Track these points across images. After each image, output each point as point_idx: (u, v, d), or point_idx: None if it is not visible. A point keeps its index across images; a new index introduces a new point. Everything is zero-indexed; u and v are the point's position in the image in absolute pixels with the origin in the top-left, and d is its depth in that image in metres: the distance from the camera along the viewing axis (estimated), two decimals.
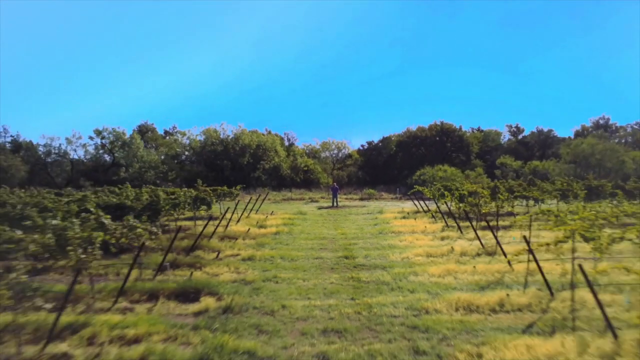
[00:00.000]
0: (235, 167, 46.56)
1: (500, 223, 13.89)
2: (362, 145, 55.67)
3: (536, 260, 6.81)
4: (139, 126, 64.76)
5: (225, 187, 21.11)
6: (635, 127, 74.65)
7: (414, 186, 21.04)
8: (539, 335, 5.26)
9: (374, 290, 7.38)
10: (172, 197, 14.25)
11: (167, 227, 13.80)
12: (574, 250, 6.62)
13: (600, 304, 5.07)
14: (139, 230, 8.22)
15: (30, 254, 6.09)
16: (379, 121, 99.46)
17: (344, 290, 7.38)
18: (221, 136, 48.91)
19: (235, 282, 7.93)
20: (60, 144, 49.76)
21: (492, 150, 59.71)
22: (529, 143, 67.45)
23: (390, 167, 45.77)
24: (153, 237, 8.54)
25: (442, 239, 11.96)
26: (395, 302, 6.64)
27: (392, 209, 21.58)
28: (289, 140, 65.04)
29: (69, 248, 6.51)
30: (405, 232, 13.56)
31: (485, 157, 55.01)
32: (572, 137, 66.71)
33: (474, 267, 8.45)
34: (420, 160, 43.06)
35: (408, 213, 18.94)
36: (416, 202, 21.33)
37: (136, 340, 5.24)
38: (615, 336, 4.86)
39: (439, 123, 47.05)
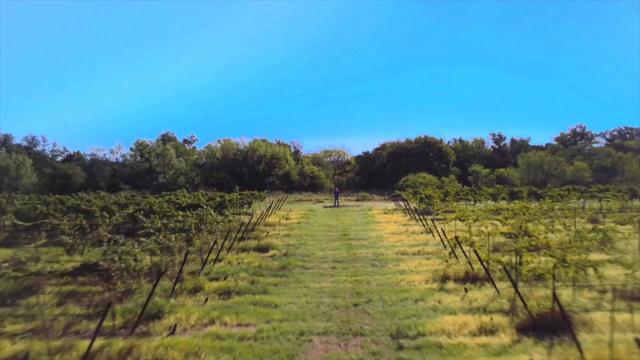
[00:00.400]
0: (252, 173, 52.51)
1: (449, 216, 19.78)
2: (359, 155, 61.70)
3: (439, 232, 12.73)
4: (162, 135, 70.70)
5: (256, 191, 27.09)
6: (615, 133, 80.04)
7: (395, 190, 26.93)
8: (427, 260, 11.16)
9: (358, 248, 13.29)
10: (229, 198, 20.22)
11: None
12: (455, 227, 12.50)
13: (451, 247, 10.99)
14: (230, 217, 14.21)
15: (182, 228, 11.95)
16: (377, 122, 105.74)
17: (342, 248, 13.29)
18: (240, 147, 55.13)
19: (284, 245, 13.84)
20: (104, 154, 56.01)
21: (471, 158, 65.50)
22: (505, 151, 73.38)
23: (382, 174, 51.73)
24: (237, 222, 14.49)
25: (404, 225, 17.88)
26: (367, 252, 12.55)
27: (378, 208, 27.48)
28: (294, 148, 71.15)
29: (207, 224, 12.48)
30: (383, 222, 19.46)
31: (464, 165, 60.87)
32: (553, 143, 72.44)
33: (414, 238, 14.37)
34: (407, 168, 48.96)
35: (389, 210, 24.85)
36: (396, 203, 27.23)
37: (250, 262, 11.15)
38: (457, 258, 10.74)
39: (422, 137, 53.13)
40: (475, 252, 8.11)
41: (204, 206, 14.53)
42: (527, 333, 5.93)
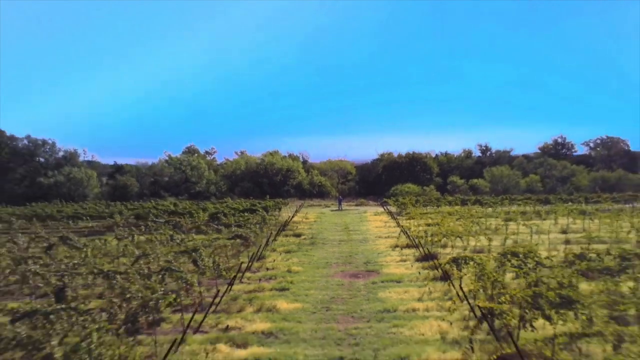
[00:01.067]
0: (270, 183, 60.68)
1: (407, 216, 27.71)
2: (359, 165, 69.95)
3: (402, 226, 20.77)
4: (187, 147, 78.85)
5: (281, 199, 35.18)
6: (598, 142, 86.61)
7: (384, 198, 34.87)
8: (391, 239, 19.14)
9: (354, 234, 21.30)
10: (268, 204, 28.27)
11: None
12: (410, 222, 20.49)
13: (401, 232, 19.01)
14: (275, 216, 22.32)
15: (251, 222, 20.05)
16: (376, 122, 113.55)
17: (344, 234, 21.31)
18: (258, 161, 63.50)
19: (309, 233, 21.85)
20: (146, 166, 64.57)
21: (454, 169, 73.41)
22: (485, 162, 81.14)
23: (378, 183, 59.74)
24: (276, 220, 22.56)
25: (385, 222, 25.87)
26: (359, 236, 20.54)
27: (371, 211, 35.46)
28: (303, 158, 79.18)
29: (267, 221, 20.65)
30: (372, 220, 27.46)
31: (447, 175, 68.78)
32: (539, 152, 79.33)
33: (389, 229, 22.38)
34: (397, 179, 56.87)
35: (378, 213, 32.82)
36: (385, 207, 35.22)
37: (293, 241, 19.18)
38: (407, 237, 18.69)
39: (411, 153, 61.31)
40: (408, 234, 16.13)
41: (259, 209, 22.60)
42: (419, 261, 13.98)
